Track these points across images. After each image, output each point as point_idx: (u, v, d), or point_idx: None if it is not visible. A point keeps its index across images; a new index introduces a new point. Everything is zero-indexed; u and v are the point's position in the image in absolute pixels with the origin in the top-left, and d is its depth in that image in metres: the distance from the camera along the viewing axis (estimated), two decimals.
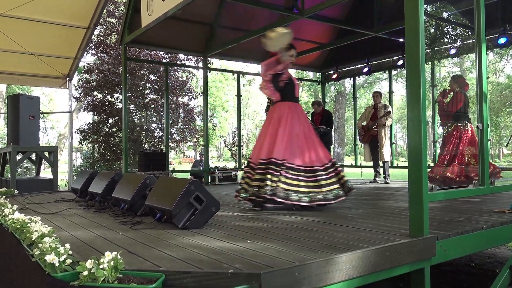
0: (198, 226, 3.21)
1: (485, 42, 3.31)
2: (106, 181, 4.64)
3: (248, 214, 4.07)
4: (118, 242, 2.76)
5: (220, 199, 4.32)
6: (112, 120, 13.76)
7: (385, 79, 20.96)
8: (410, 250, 2.58)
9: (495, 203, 4.53)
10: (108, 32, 13.75)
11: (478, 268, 5.33)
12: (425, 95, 2.76)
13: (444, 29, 8.23)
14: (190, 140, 15.95)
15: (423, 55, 2.71)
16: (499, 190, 3.71)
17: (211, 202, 3.30)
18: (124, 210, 4.02)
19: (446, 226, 3.20)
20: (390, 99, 9.39)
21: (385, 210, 4.19)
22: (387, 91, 9.73)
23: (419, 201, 2.69)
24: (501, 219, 3.51)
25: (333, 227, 3.19)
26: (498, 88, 20.61)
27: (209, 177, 8.75)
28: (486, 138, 3.36)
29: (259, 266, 2.06)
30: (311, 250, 2.37)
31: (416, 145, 2.70)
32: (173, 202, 3.15)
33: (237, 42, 8.06)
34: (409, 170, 2.76)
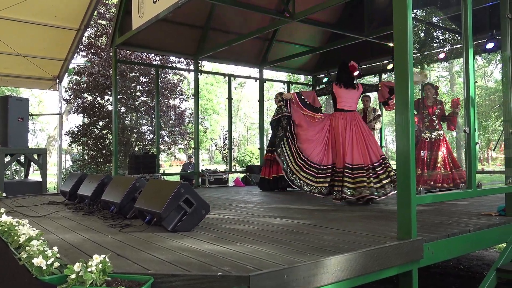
0: (187, 229, 3.20)
1: (472, 47, 3.36)
2: (95, 184, 4.61)
3: (237, 217, 4.07)
4: (107, 245, 2.75)
5: (210, 201, 4.32)
6: (103, 122, 13.69)
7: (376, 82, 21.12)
8: (398, 252, 2.60)
9: (482, 206, 4.59)
10: (98, 34, 13.69)
11: (466, 271, 5.38)
12: (414, 99, 2.80)
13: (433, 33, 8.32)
14: (181, 142, 15.90)
15: (411, 59, 2.74)
16: (486, 193, 3.75)
17: (201, 205, 3.29)
18: (113, 213, 3.99)
19: (433, 228, 3.23)
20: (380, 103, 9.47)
21: (374, 213, 4.22)
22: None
23: (407, 204, 2.71)
24: (488, 222, 3.56)
25: (322, 230, 3.20)
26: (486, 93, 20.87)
27: (199, 180, 8.73)
28: (474, 142, 3.40)
29: (248, 269, 2.06)
30: (300, 253, 2.38)
31: (404, 149, 2.73)
32: (163, 205, 3.14)
33: (228, 45, 8.08)
34: (397, 173, 2.79)
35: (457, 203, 4.94)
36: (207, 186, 8.44)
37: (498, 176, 10.68)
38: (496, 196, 4.86)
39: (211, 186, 8.45)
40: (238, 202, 5.62)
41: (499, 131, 18.98)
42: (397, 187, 2.79)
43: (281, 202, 5.39)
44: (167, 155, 23.25)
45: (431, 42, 8.24)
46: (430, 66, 11.90)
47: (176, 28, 8.28)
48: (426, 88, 6.16)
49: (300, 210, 4.56)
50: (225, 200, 5.79)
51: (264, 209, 4.75)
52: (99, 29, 13.66)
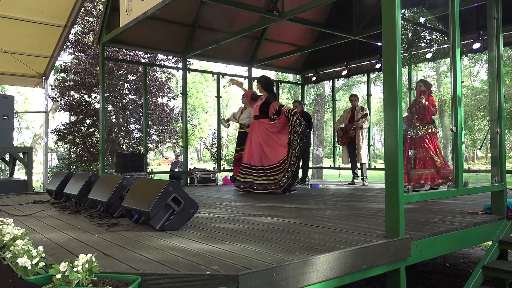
0: (175, 227, 3.18)
1: (459, 47, 3.39)
2: (82, 182, 4.56)
3: (226, 215, 4.06)
4: (94, 244, 2.72)
5: (198, 200, 4.30)
6: (90, 120, 13.55)
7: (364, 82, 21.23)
8: (386, 251, 2.61)
9: (468, 204, 4.64)
10: (85, 31, 13.54)
11: (453, 268, 5.44)
12: (402, 98, 2.81)
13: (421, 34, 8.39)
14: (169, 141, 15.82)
15: (399, 59, 2.76)
16: (472, 192, 3.79)
17: (189, 204, 3.27)
18: (100, 212, 3.96)
19: (421, 227, 3.25)
20: (368, 102, 9.53)
21: (362, 212, 4.24)
22: (366, 94, 9.87)
23: (395, 203, 2.73)
24: (475, 220, 3.60)
25: (312, 229, 3.20)
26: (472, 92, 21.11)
27: (188, 179, 8.69)
28: (460, 141, 3.44)
29: (236, 268, 2.05)
30: (289, 252, 2.38)
31: (393, 147, 2.74)
32: (151, 204, 3.12)
33: (217, 43, 8.05)
34: (385, 172, 2.80)
35: (444, 201, 5.00)
36: (196, 184, 8.40)
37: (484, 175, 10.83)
38: (482, 194, 4.92)
39: (200, 184, 8.43)
40: (227, 201, 5.61)
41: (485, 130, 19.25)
42: (385, 185, 2.80)
43: (271, 201, 5.39)
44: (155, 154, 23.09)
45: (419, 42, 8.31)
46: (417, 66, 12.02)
47: (165, 25, 8.22)
48: (418, 85, 6.21)
49: (290, 208, 4.57)
50: (213, 199, 5.78)
51: (253, 208, 4.74)
52: (86, 26, 13.51)
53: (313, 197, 5.86)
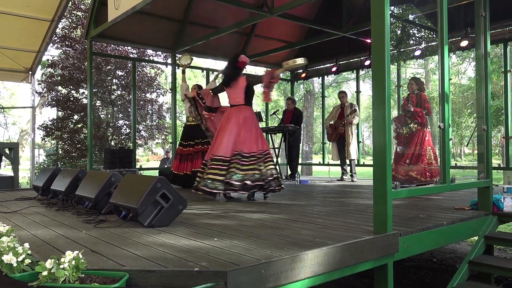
0: (164, 224, 3.17)
1: (447, 44, 3.42)
2: (69, 179, 4.52)
3: (215, 212, 4.05)
4: (81, 241, 2.69)
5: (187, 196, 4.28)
6: (77, 116, 13.40)
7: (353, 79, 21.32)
8: (374, 246, 2.63)
9: (455, 200, 4.70)
10: (73, 25, 13.36)
11: (440, 264, 5.51)
12: (390, 95, 2.83)
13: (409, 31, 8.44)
14: (158, 137, 15.73)
15: (388, 56, 2.77)
16: (459, 188, 3.83)
17: (178, 200, 3.26)
18: (88, 208, 3.92)
19: (409, 222, 3.29)
20: (357, 98, 9.56)
21: (351, 208, 4.27)
22: (355, 91, 9.91)
23: (383, 199, 2.75)
24: (461, 216, 3.65)
25: (300, 225, 3.22)
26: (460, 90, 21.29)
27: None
28: (448, 138, 3.47)
29: (225, 264, 2.05)
30: (278, 248, 2.38)
31: (381, 144, 2.76)
32: (139, 200, 3.10)
33: (206, 39, 8.01)
34: (374, 168, 2.82)
35: (431, 197, 5.05)
36: None
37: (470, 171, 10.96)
38: (469, 190, 4.98)
39: None
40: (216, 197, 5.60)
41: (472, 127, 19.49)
42: (373, 181, 2.82)
43: (260, 197, 5.40)
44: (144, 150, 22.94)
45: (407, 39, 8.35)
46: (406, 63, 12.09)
47: (154, 20, 8.15)
48: (410, 82, 6.24)
49: (278, 205, 4.58)
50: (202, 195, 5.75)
51: (242, 204, 4.74)
52: (74, 20, 13.33)
53: (302, 194, 5.88)
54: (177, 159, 6.93)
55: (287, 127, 7.62)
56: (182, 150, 6.88)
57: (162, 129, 15.05)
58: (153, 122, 14.76)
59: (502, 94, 8.08)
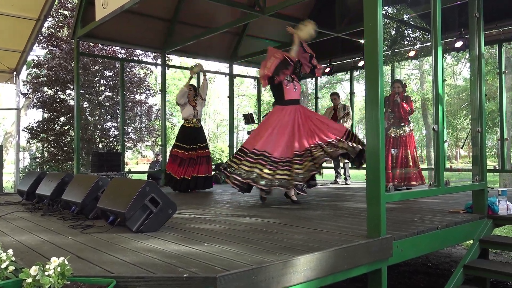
0: (153, 229, 3.16)
1: (441, 45, 3.45)
2: (55, 183, 4.49)
3: (206, 216, 4.05)
4: (67, 247, 2.68)
5: (177, 201, 4.28)
6: (64, 118, 13.32)
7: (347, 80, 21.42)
8: (367, 251, 2.65)
9: (450, 203, 4.74)
10: (60, 25, 13.29)
11: (435, 268, 5.55)
12: (383, 96, 2.85)
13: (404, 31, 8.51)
14: (147, 139, 15.68)
15: (381, 57, 2.79)
16: (454, 191, 3.87)
17: (168, 204, 3.25)
18: (74, 213, 3.91)
19: (402, 226, 3.31)
20: (351, 100, 9.61)
21: (344, 211, 4.29)
22: (349, 92, 9.95)
23: (377, 202, 2.77)
24: (456, 219, 3.68)
25: (293, 229, 3.22)
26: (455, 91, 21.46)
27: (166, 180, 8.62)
28: (442, 140, 3.50)
29: (215, 270, 2.05)
30: (269, 253, 2.39)
31: (374, 146, 2.78)
32: (127, 204, 3.09)
33: (197, 39, 8.01)
34: (367, 171, 2.84)
35: (425, 200, 5.08)
36: None
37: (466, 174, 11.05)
38: (464, 193, 5.02)
39: None
40: (207, 201, 5.60)
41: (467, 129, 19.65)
42: (367, 184, 2.84)
43: (252, 201, 5.40)
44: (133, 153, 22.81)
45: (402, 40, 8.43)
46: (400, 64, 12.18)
47: (143, 20, 8.13)
48: (395, 85, 6.29)
49: (271, 209, 4.59)
50: (193, 199, 5.75)
51: (233, 208, 4.74)
52: (60, 19, 13.26)
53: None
54: (176, 162, 6.79)
55: None
56: (183, 154, 6.76)
57: (151, 131, 15.01)
58: (142, 124, 14.72)
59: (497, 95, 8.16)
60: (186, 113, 6.94)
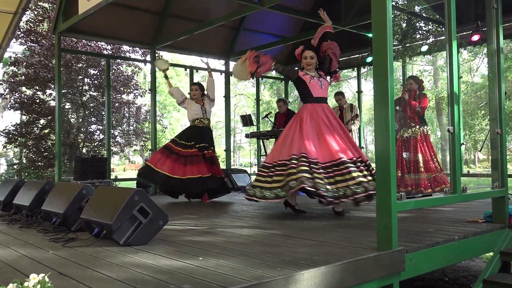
0: (142, 242, 3.16)
1: (456, 39, 3.46)
2: (34, 192, 4.49)
3: (200, 227, 4.05)
4: (48, 262, 2.68)
5: (169, 211, 4.27)
6: (44, 120, 13.35)
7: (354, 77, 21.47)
8: (377, 264, 2.65)
9: (468, 212, 4.73)
10: (39, 18, 13.33)
11: (452, 283, 5.54)
12: (394, 95, 2.86)
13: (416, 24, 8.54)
14: (136, 144, 15.70)
15: (391, 52, 2.80)
16: (471, 198, 3.88)
17: (158, 215, 3.25)
18: (56, 225, 3.90)
19: (416, 237, 3.31)
20: (358, 99, 9.63)
21: (352, 221, 4.28)
22: (356, 91, 9.97)
23: (387, 211, 2.77)
24: (475, 229, 3.67)
25: (296, 241, 3.22)
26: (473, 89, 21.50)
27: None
28: (459, 142, 3.51)
29: (210, 286, 2.05)
30: (270, 267, 2.39)
31: (384, 149, 2.78)
32: (114, 215, 3.09)
33: (190, 34, 8.03)
34: (376, 177, 2.84)
35: (441, 209, 5.08)
36: None
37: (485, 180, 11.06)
38: (483, 201, 5.02)
39: None
40: (201, 210, 5.59)
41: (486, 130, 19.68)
42: (376, 192, 2.84)
43: (251, 211, 5.40)
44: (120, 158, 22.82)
45: (413, 33, 8.46)
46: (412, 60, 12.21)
47: (130, 13, 8.15)
48: (408, 82, 6.29)
49: (272, 219, 4.58)
50: (186, 209, 5.74)
51: (231, 218, 4.74)
52: (40, 13, 13.30)
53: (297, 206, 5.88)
54: (171, 158, 6.18)
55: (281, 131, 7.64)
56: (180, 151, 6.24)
57: (140, 134, 15.03)
58: (130, 126, 14.74)
59: None
60: (193, 112, 6.46)
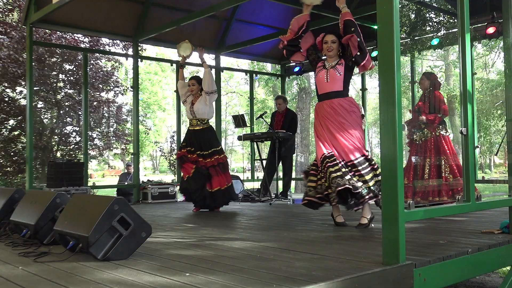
0: (123, 256, 3.15)
1: (470, 31, 3.49)
2: (2, 201, 4.48)
3: (187, 240, 4.05)
4: (17, 279, 2.66)
5: (153, 221, 4.27)
6: (14, 121, 13.28)
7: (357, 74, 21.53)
8: (383, 280, 2.65)
9: (482, 222, 4.75)
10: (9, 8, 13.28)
11: None
12: (401, 93, 2.87)
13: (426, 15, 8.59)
14: (116, 147, 15.65)
15: (398, 46, 2.81)
16: (487, 207, 3.89)
17: (141, 226, 3.25)
18: (26, 238, 3.88)
19: (425, 250, 3.32)
20: (363, 98, 9.67)
21: (355, 233, 4.29)
22: (360, 88, 10.01)
23: (394, 221, 2.77)
24: (490, 242, 3.69)
25: (293, 255, 3.23)
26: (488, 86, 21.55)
27: (139, 194, 8.61)
28: (472, 145, 3.53)
29: None
30: (265, 284, 2.39)
31: (390, 153, 2.78)
32: (91, 227, 3.08)
33: (176, 25, 8.03)
34: (382, 184, 2.84)
35: (453, 219, 5.10)
36: (150, 201, 8.36)
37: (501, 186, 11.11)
38: (500, 210, 5.04)
39: (155, 201, 8.37)
40: (189, 221, 5.59)
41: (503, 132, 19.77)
42: (382, 200, 2.85)
43: (244, 221, 5.40)
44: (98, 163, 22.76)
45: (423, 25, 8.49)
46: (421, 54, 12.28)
47: (110, 2, 8.15)
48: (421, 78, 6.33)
49: (267, 230, 4.59)
50: (172, 219, 5.75)
51: (221, 229, 4.74)
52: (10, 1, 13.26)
53: (295, 216, 5.90)
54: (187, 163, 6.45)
55: (278, 134, 7.66)
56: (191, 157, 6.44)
57: (121, 136, 14.99)
58: (110, 128, 14.70)
59: None
60: (186, 114, 6.86)
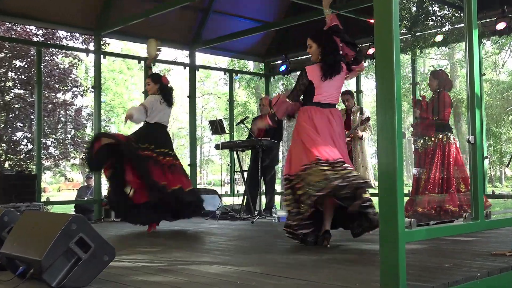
0: (82, 283, 3.13)
1: (477, 27, 3.53)
2: None
3: (156, 264, 4.03)
4: None
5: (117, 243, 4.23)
6: None
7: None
8: None
9: (493, 243, 4.80)
10: None
11: None
12: (401, 96, 2.88)
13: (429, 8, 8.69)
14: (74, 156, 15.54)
15: (397, 42, 2.83)
16: (497, 226, 3.92)
17: (102, 248, 3.23)
18: None
19: (429, 275, 3.33)
20: (357, 100, 9.71)
21: (349, 255, 4.31)
22: (355, 90, 10.05)
23: (393, 242, 2.77)
24: (501, 265, 3.72)
25: (278, 281, 3.22)
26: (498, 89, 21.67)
27: (102, 211, 8.53)
28: (480, 156, 3.56)
29: None
30: None
31: (389, 164, 2.79)
32: (44, 249, 3.04)
33: (145, 17, 8.01)
34: (379, 199, 2.85)
35: (460, 239, 5.14)
36: (114, 219, 8.28)
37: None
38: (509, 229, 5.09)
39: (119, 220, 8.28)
40: (159, 242, 5.55)
41: None
42: (380, 219, 2.85)
43: (223, 242, 5.38)
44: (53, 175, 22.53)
45: (426, 20, 8.59)
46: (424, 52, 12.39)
47: None
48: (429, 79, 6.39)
49: (249, 253, 4.59)
50: (139, 240, 5.71)
51: (196, 251, 4.74)
52: None
53: (281, 235, 5.88)
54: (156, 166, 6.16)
55: (260, 141, 7.65)
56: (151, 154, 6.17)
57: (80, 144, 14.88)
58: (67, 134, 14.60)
59: None
60: None
